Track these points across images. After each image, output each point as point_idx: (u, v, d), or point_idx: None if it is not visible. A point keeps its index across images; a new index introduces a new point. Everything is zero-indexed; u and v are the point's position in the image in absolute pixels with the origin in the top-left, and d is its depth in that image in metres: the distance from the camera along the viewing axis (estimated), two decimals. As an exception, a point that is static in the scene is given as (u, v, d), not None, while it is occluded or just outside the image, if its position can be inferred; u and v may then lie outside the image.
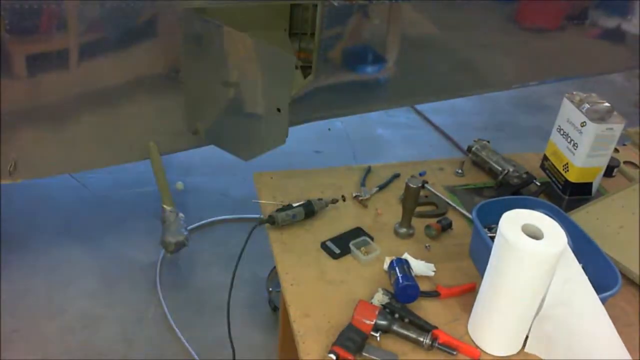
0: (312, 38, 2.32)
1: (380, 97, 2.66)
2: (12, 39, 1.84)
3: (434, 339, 1.10)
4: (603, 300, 1.09)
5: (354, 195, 1.55)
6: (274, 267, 1.39)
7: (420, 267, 1.29)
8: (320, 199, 1.47)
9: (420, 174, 1.68)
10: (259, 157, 2.39)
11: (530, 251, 0.98)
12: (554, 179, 1.67)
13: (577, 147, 1.55)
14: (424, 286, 1.23)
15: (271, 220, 1.38)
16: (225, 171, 3.07)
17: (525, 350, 1.11)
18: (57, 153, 2.14)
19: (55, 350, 2.07)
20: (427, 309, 1.20)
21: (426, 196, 1.58)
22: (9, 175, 2.04)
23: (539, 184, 1.61)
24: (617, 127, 1.52)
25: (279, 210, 1.41)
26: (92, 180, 2.75)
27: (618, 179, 1.74)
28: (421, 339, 1.10)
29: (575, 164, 1.57)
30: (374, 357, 1.07)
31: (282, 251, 1.35)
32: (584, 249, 1.23)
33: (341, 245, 1.36)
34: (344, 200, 1.53)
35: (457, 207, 1.54)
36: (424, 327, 1.13)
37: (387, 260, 1.28)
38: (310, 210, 1.43)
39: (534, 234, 1.01)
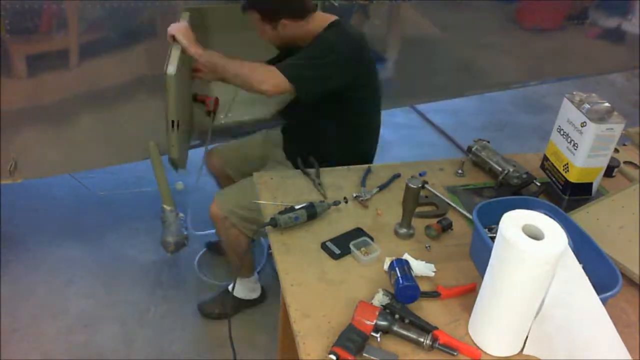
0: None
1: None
2: (12, 39, 1.84)
3: (435, 339, 1.10)
4: (603, 301, 1.09)
5: (354, 195, 1.55)
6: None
7: (420, 267, 1.29)
8: (322, 201, 1.47)
9: (421, 174, 1.68)
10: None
11: (530, 251, 0.98)
12: (554, 179, 1.67)
13: (577, 147, 1.55)
14: (424, 287, 1.23)
15: (273, 223, 1.38)
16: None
17: (525, 352, 1.11)
18: (57, 153, 2.14)
19: (55, 350, 2.07)
20: (427, 310, 1.20)
21: (426, 196, 1.58)
22: (9, 175, 2.04)
23: (539, 184, 1.61)
24: (617, 127, 1.52)
25: (281, 213, 1.40)
26: (92, 180, 2.75)
27: (618, 179, 1.74)
28: (422, 340, 1.10)
29: (576, 164, 1.57)
30: (375, 358, 1.07)
31: (282, 252, 1.35)
32: (584, 249, 1.23)
33: (341, 246, 1.36)
34: (346, 202, 1.53)
35: (457, 208, 1.54)
36: (425, 328, 1.13)
37: (387, 261, 1.28)
38: (312, 213, 1.43)
39: (535, 235, 1.01)
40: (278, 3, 1.80)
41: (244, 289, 2.23)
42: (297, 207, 1.42)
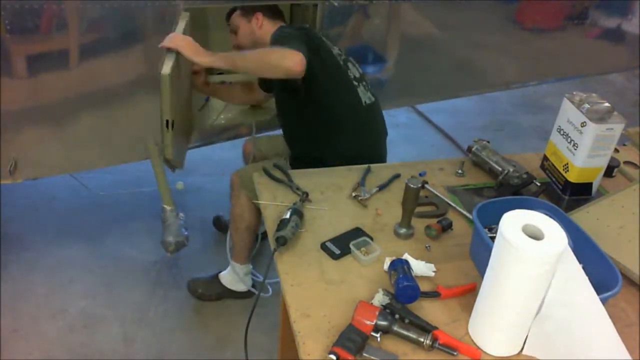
0: (312, 38, 2.31)
1: (380, 97, 2.66)
2: (12, 39, 1.84)
3: (435, 339, 1.10)
4: (603, 301, 1.09)
5: (353, 195, 1.55)
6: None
7: (420, 267, 1.29)
8: (296, 202, 1.47)
9: (421, 174, 1.68)
10: (259, 157, 2.39)
11: (530, 251, 0.98)
12: (554, 179, 1.67)
13: (577, 147, 1.56)
14: (424, 286, 1.23)
15: (283, 242, 1.33)
16: (225, 171, 3.07)
17: (524, 352, 1.11)
18: (57, 153, 2.14)
19: (56, 350, 2.07)
20: (427, 310, 1.20)
21: (426, 196, 1.58)
22: (9, 175, 2.04)
23: (539, 184, 1.61)
24: (617, 127, 1.52)
25: (279, 229, 1.35)
26: (92, 180, 2.75)
27: (618, 179, 1.74)
28: (422, 340, 1.10)
29: (575, 164, 1.57)
30: (375, 358, 1.07)
31: (282, 252, 1.34)
32: (584, 249, 1.23)
33: (341, 246, 1.36)
34: (307, 196, 1.52)
35: (457, 208, 1.54)
36: (425, 328, 1.13)
37: (387, 261, 1.28)
38: (300, 214, 1.41)
39: (535, 235, 1.01)
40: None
41: (231, 277, 2.25)
42: (286, 216, 1.38)
